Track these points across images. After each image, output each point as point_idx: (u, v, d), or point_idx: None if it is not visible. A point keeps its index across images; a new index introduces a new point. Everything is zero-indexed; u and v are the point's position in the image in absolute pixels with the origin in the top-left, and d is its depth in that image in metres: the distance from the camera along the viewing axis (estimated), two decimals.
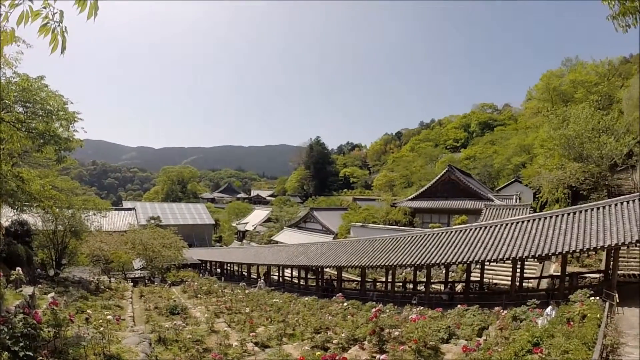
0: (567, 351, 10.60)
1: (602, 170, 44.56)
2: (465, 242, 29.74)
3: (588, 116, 46.41)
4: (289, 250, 46.45)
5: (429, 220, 57.47)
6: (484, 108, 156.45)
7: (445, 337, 17.56)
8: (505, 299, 27.38)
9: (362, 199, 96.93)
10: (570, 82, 67.88)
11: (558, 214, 28.89)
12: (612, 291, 23.35)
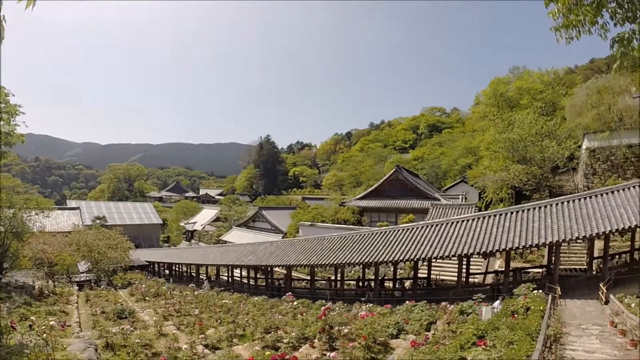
0: (512, 342, 10.98)
1: (545, 172, 46.80)
2: (413, 240, 30.51)
3: (532, 121, 48.95)
4: (238, 250, 46.03)
5: (377, 219, 58.10)
6: (433, 111, 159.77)
7: (395, 333, 17.86)
8: (452, 294, 28.38)
9: (312, 198, 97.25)
10: (516, 89, 70.50)
11: (502, 213, 30.16)
12: (554, 285, 24.81)
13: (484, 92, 76.65)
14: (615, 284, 25.64)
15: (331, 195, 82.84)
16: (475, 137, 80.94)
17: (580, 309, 23.28)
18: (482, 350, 8.77)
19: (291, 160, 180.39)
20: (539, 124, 48.88)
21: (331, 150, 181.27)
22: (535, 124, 48.71)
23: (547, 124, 49.40)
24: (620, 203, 27.12)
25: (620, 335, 16.47)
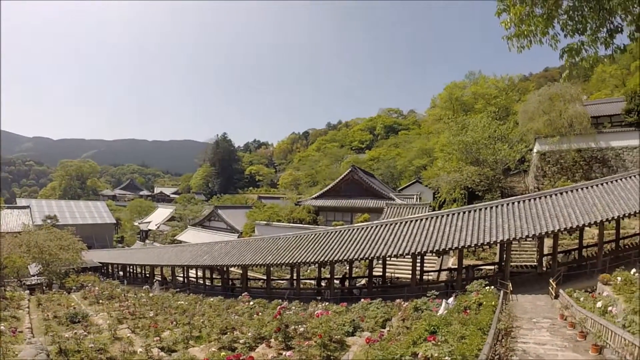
0: (464, 337, 11.31)
1: (497, 174, 48.53)
2: (367, 239, 31.06)
3: (485, 125, 50.85)
4: (193, 250, 45.51)
5: (333, 218, 58.39)
6: (390, 113, 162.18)
7: (351, 331, 18.04)
8: (407, 292, 29.20)
9: (268, 197, 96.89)
10: (472, 93, 73.03)
11: (454, 213, 31.13)
12: (506, 281, 25.94)
13: (440, 95, 78.71)
14: (564, 280, 27.17)
15: (287, 194, 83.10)
16: (430, 139, 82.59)
17: (532, 303, 24.37)
18: (431, 345, 9.08)
19: (248, 159, 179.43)
20: (492, 128, 50.80)
21: (288, 150, 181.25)
22: (489, 128, 50.61)
23: (500, 128, 51.43)
24: (569, 203, 28.58)
25: (570, 327, 17.25)
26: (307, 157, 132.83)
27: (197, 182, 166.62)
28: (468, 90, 74.76)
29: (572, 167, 46.02)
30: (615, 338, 12.69)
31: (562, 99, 47.58)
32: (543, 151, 47.13)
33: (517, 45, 7.44)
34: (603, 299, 19.41)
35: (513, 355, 12.90)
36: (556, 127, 46.05)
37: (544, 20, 7.09)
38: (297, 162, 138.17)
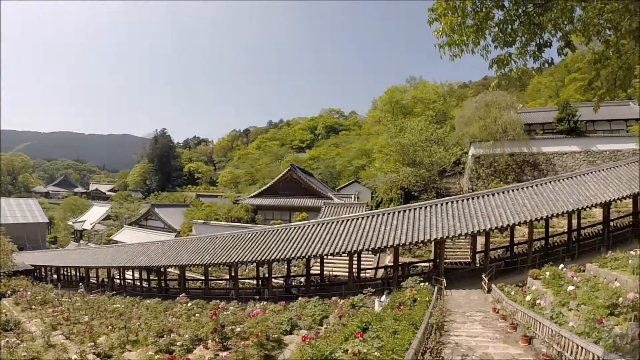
0: (396, 332, 11.65)
1: (432, 175, 50.05)
2: (305, 238, 31.37)
3: (423, 128, 52.54)
4: (129, 251, 44.24)
5: (271, 217, 58.27)
6: (332, 113, 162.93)
7: (289, 329, 18.13)
8: (345, 289, 29.74)
9: (206, 195, 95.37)
10: (412, 97, 74.84)
11: (390, 212, 32.01)
12: (441, 277, 27.12)
13: (380, 98, 79.93)
14: (496, 275, 28.67)
15: (226, 192, 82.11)
16: (370, 140, 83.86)
17: (465, 298, 25.49)
18: (359, 341, 9.29)
19: (187, 156, 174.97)
20: (429, 131, 52.54)
21: (228, 147, 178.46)
22: (426, 131, 52.26)
23: (436, 132, 53.30)
24: (500, 204, 30.06)
25: (502, 320, 18.04)
26: (247, 155, 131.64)
27: (134, 179, 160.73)
28: (408, 94, 76.49)
29: (505, 170, 48.12)
30: (543, 329, 13.32)
31: (498, 106, 49.66)
32: (478, 154, 48.98)
33: (450, 54, 7.63)
34: (532, 293, 20.51)
35: (445, 348, 13.31)
36: (491, 132, 48.00)
37: (474, 31, 7.32)
38: (237, 160, 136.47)
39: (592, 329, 12.51)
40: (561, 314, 15.66)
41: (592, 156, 47.27)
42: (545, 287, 21.57)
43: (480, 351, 13.05)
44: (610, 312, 14.59)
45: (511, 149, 48.03)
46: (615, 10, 8.18)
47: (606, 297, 15.55)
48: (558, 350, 11.67)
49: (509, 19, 7.26)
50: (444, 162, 51.15)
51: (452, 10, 7.27)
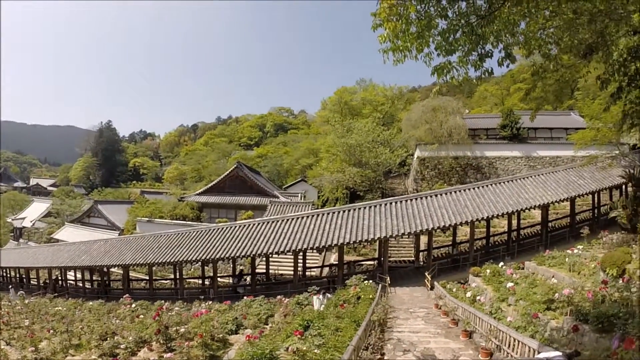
0: (339, 329, 11.90)
1: (378, 176, 51.33)
2: (250, 237, 31.26)
3: (370, 129, 53.73)
4: (71, 250, 42.42)
5: (217, 215, 57.64)
6: (281, 111, 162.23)
7: (234, 329, 18.14)
8: (290, 288, 29.94)
9: (151, 192, 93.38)
10: (361, 99, 76.10)
11: (335, 211, 32.44)
12: (385, 275, 27.75)
13: (330, 98, 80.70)
14: (439, 273, 29.56)
15: (171, 189, 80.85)
16: (318, 139, 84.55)
17: (409, 295, 26.21)
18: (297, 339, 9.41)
19: (132, 150, 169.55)
20: (376, 133, 53.79)
21: (175, 142, 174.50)
22: (373, 132, 53.47)
23: (383, 133, 54.77)
24: (443, 205, 31.03)
25: (444, 315, 18.61)
26: (195, 151, 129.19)
27: (77, 174, 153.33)
28: (358, 95, 77.75)
29: (449, 172, 49.48)
30: (482, 324, 13.85)
31: (444, 111, 50.91)
32: (423, 157, 50.11)
33: (394, 59, 7.75)
34: (472, 290, 21.23)
35: (387, 344, 13.63)
36: (436, 136, 49.21)
37: (416, 39, 7.48)
38: (184, 156, 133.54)
39: (528, 323, 13.13)
40: (500, 309, 16.30)
41: (532, 161, 49.36)
42: (486, 284, 22.43)
43: (421, 346, 13.42)
44: (547, 307, 15.28)
45: (455, 153, 49.42)
46: (557, 26, 8.58)
47: (543, 293, 16.27)
48: (497, 344, 12.15)
49: (452, 29, 7.41)
50: (390, 163, 52.42)
51: (397, 17, 7.38)
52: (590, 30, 8.73)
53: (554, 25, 8.66)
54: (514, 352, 10.65)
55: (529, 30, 8.27)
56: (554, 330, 12.86)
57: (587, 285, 15.69)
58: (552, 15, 8.20)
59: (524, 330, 12.67)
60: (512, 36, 7.93)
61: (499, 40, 7.78)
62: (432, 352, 12.76)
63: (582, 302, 13.69)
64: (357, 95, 77.97)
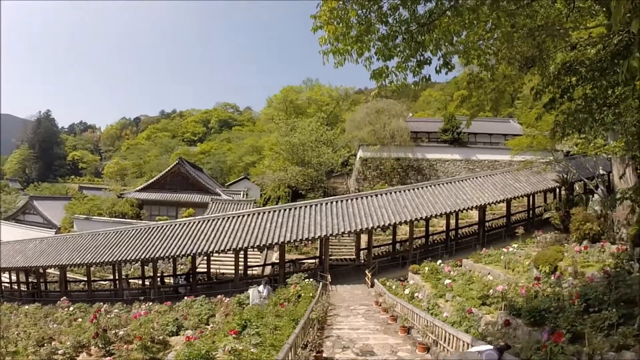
0: (277, 328, 12.06)
1: (320, 175, 51.74)
2: (190, 235, 30.91)
3: (314, 129, 54.09)
4: (5, 250, 39.66)
5: (157, 212, 56.55)
6: (227, 107, 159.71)
7: (175, 330, 17.91)
8: (232, 287, 29.66)
9: (90, 187, 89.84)
10: (306, 98, 76.25)
11: (276, 210, 32.70)
12: (326, 273, 28.25)
13: (275, 96, 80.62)
14: (379, 270, 30.28)
15: (111, 185, 78.79)
16: (262, 137, 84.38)
17: (350, 292, 26.66)
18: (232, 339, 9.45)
19: (71, 143, 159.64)
20: (319, 132, 54.28)
21: (117, 135, 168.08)
22: (316, 132, 53.93)
23: (327, 133, 55.35)
24: (383, 204, 31.75)
25: (383, 312, 19.02)
26: (137, 145, 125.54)
27: (12, 167, 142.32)
28: (303, 94, 78.01)
29: (391, 173, 50.52)
30: (419, 320, 14.24)
31: (388, 113, 51.97)
32: (365, 157, 50.95)
33: (334, 61, 7.79)
34: (411, 287, 21.82)
35: (327, 341, 13.85)
36: (379, 137, 50.17)
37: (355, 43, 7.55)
38: (125, 150, 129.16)
39: (463, 318, 13.65)
40: (437, 305, 16.85)
41: (472, 164, 51.33)
42: (425, 281, 23.10)
43: (361, 342, 13.68)
44: (483, 302, 15.93)
45: (397, 154, 50.61)
46: (497, 38, 8.96)
47: (479, 289, 16.96)
48: (433, 339, 12.54)
49: (391, 35, 7.51)
50: (332, 162, 53.12)
51: (338, 20, 7.41)
52: (528, 44, 9.14)
53: (494, 37, 8.97)
54: (449, 347, 11.00)
55: (468, 40, 8.53)
56: (488, 325, 13.44)
57: (521, 282, 16.40)
58: (492, 27, 8.48)
59: (459, 325, 13.15)
60: (451, 45, 8.11)
61: (438, 48, 7.93)
62: (370, 348, 13.03)
63: (516, 298, 14.33)
64: (303, 94, 78.26)
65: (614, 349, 7.79)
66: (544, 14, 9.11)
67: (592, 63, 9.38)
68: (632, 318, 8.69)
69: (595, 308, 10.02)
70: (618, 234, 20.68)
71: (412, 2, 7.40)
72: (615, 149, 19.83)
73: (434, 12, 7.48)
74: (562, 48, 10.16)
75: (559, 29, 9.10)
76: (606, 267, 14.20)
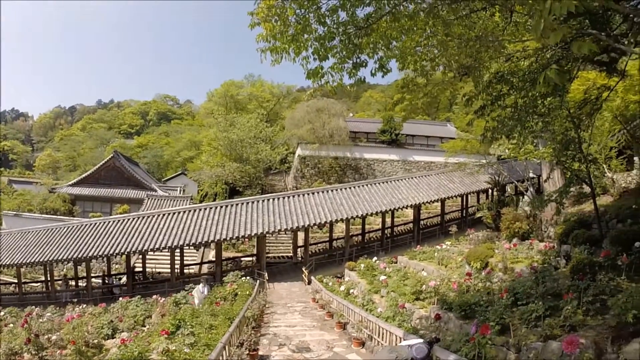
0: (213, 327, 12.06)
1: (258, 172, 51.81)
2: (124, 233, 29.99)
3: (253, 125, 53.67)
4: None
5: (91, 209, 54.48)
6: (167, 99, 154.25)
7: (110, 333, 17.50)
8: (168, 286, 29.11)
9: (21, 181, 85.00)
10: (248, 94, 75.80)
11: (212, 207, 32.41)
12: (263, 271, 28.50)
13: (216, 90, 79.40)
14: (317, 268, 30.62)
15: (43, 179, 75.42)
16: (201, 131, 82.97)
17: (287, 290, 26.85)
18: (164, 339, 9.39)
19: (2, 132, 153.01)
20: (258, 129, 54.04)
21: (50, 125, 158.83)
22: (255, 128, 53.64)
23: (266, 130, 55.20)
24: (320, 202, 32.23)
25: (320, 309, 19.34)
26: (71, 136, 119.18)
27: None
28: (245, 90, 77.45)
29: (329, 172, 51.12)
30: (354, 315, 14.60)
31: (328, 113, 52.47)
32: (304, 155, 51.27)
33: (272, 59, 7.78)
34: (346, 283, 22.18)
35: (263, 339, 13.95)
36: (318, 136, 50.61)
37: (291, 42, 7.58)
38: (58, 141, 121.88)
39: (396, 313, 14.02)
40: (371, 301, 17.23)
41: (408, 165, 52.80)
42: (361, 277, 23.54)
43: (297, 339, 13.84)
44: (417, 297, 16.40)
45: (336, 153, 51.33)
46: (432, 45, 9.27)
47: (413, 284, 17.41)
48: (368, 334, 12.89)
49: (329, 36, 7.59)
50: (271, 160, 53.33)
51: (276, 17, 7.43)
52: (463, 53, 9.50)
53: (430, 44, 9.25)
54: (383, 341, 11.32)
55: (405, 45, 8.68)
56: (422, 319, 13.88)
57: (453, 277, 16.99)
58: (429, 35, 8.70)
59: (393, 320, 13.50)
60: (388, 49, 8.27)
61: (375, 51, 8.10)
62: (307, 345, 13.19)
63: (448, 292, 14.82)
64: (244, 89, 77.72)
65: (542, 339, 8.22)
66: (482, 26, 9.49)
67: (524, 74, 9.88)
68: (558, 310, 9.16)
69: (524, 301, 10.45)
70: (546, 233, 21.91)
71: (351, 5, 7.52)
72: (544, 154, 21.13)
73: (372, 16, 7.62)
74: (497, 59, 10.59)
75: (492, 41, 9.47)
76: (534, 263, 14.98)
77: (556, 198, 13.83)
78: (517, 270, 15.15)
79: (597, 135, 20.44)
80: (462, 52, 9.43)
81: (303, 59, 7.87)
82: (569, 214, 19.33)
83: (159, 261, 36.72)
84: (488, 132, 11.41)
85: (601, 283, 9.46)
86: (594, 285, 9.49)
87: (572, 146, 13.72)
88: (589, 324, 8.37)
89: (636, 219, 14.25)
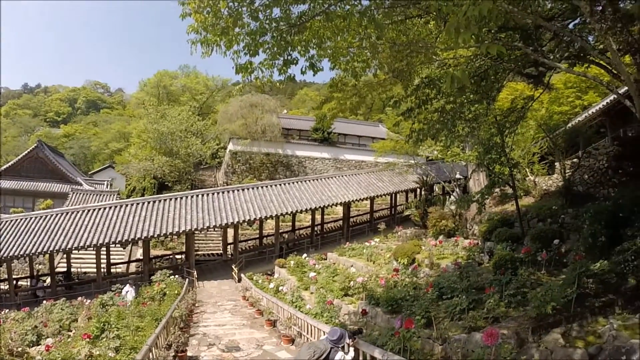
0: (140, 328, 11.80)
1: (188, 167, 50.89)
2: (47, 230, 28.20)
3: (184, 118, 52.81)
4: None
5: (12, 204, 50.50)
6: (97, 86, 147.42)
7: (35, 339, 16.67)
8: (94, 287, 27.84)
9: None
10: (181, 85, 74.03)
11: (139, 202, 31.18)
12: (192, 269, 27.85)
13: (149, 80, 76.93)
14: (247, 265, 30.28)
15: None
16: (131, 122, 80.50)
17: (217, 288, 26.56)
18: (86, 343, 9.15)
19: None
20: (190, 122, 53.23)
21: None
22: (187, 121, 52.77)
23: (197, 123, 54.50)
24: (249, 199, 32.13)
25: (250, 307, 19.27)
26: None
27: None
28: (179, 81, 75.55)
29: (260, 168, 50.90)
30: (283, 312, 14.72)
31: (261, 108, 52.11)
32: (235, 150, 50.70)
33: (202, 51, 7.71)
34: (276, 280, 22.26)
35: (193, 340, 13.76)
36: (251, 132, 50.14)
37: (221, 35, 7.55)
38: None
39: (324, 309, 14.19)
40: (300, 298, 17.38)
41: (340, 163, 53.42)
42: (291, 274, 23.71)
43: (227, 339, 13.77)
44: (345, 293, 16.76)
45: (268, 149, 51.07)
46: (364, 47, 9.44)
47: (342, 281, 17.72)
48: (297, 331, 13.01)
49: (261, 31, 7.56)
50: (201, 154, 52.81)
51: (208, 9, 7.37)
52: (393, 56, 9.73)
53: (362, 46, 9.44)
54: (312, 337, 11.44)
55: (337, 45, 8.78)
56: (350, 314, 14.17)
57: (382, 273, 17.43)
58: (362, 37, 8.87)
59: (321, 317, 13.62)
60: (320, 48, 8.35)
61: (307, 49, 8.17)
62: (237, 344, 13.14)
63: (376, 288, 15.19)
64: (178, 80, 75.79)
65: (466, 330, 8.61)
66: (416, 32, 9.76)
67: None
68: (482, 303, 9.62)
69: (449, 295, 10.92)
70: (471, 230, 22.91)
71: (285, 1, 7.55)
72: (469, 157, 22.12)
73: (306, 15, 7.68)
74: (428, 65, 10.93)
75: (424, 47, 9.74)
76: (459, 259, 15.57)
77: (478, 198, 14.46)
78: (443, 265, 15.73)
79: (521, 142, 21.68)
80: (393, 56, 9.67)
81: (234, 53, 7.86)
82: (493, 213, 20.32)
83: (84, 260, 34.90)
84: (414, 133, 11.78)
85: (522, 277, 10.07)
86: (515, 280, 10.08)
87: (496, 150, 14.41)
88: (511, 315, 8.87)
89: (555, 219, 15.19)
